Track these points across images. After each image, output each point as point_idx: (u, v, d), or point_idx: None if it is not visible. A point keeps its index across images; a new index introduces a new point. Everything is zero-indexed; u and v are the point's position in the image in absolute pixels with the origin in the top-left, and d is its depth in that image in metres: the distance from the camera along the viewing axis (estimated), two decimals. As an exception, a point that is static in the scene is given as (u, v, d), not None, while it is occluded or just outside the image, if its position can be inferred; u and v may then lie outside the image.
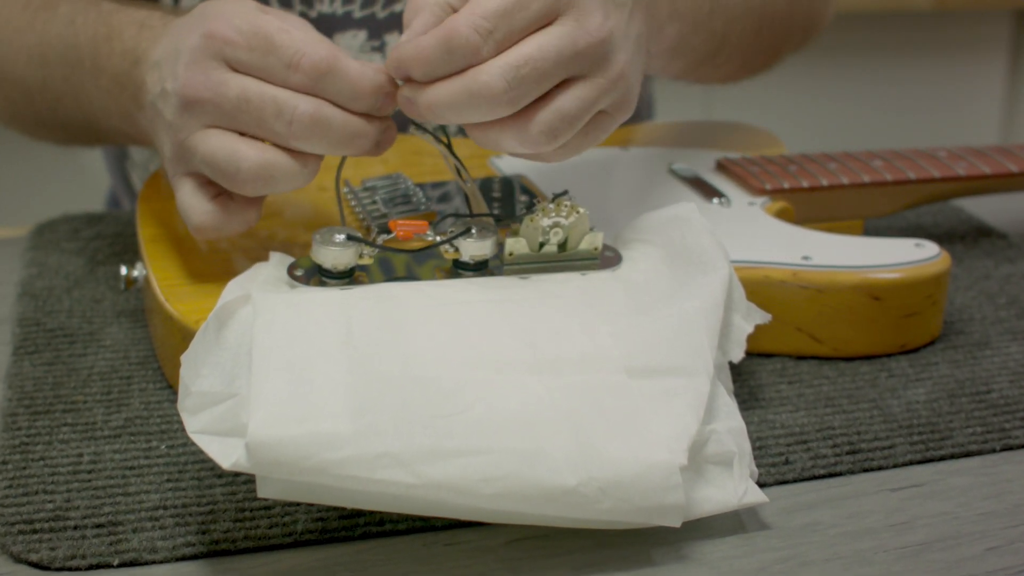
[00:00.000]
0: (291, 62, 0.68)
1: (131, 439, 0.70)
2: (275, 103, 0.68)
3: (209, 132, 0.70)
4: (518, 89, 0.66)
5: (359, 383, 0.60)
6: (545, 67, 0.66)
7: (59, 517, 0.63)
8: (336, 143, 0.69)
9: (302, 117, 0.68)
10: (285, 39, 0.68)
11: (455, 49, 0.66)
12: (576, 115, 0.68)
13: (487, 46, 0.66)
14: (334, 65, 0.68)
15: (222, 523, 0.63)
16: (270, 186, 0.69)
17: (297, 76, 0.68)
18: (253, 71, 0.69)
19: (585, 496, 0.58)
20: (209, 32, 0.69)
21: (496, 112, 0.66)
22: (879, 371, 0.78)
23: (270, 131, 0.68)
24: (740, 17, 0.95)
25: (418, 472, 0.57)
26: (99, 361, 0.78)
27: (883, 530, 0.64)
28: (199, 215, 0.72)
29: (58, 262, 0.91)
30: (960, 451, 0.71)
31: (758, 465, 0.67)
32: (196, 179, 0.72)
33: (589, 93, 0.68)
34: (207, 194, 0.72)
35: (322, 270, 0.70)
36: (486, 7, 0.66)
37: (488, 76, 0.66)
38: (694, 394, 0.63)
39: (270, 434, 0.56)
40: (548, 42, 0.67)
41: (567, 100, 0.68)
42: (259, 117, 0.68)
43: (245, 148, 0.69)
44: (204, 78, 0.69)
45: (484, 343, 0.64)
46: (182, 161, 0.72)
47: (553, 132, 0.68)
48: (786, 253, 0.79)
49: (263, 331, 0.63)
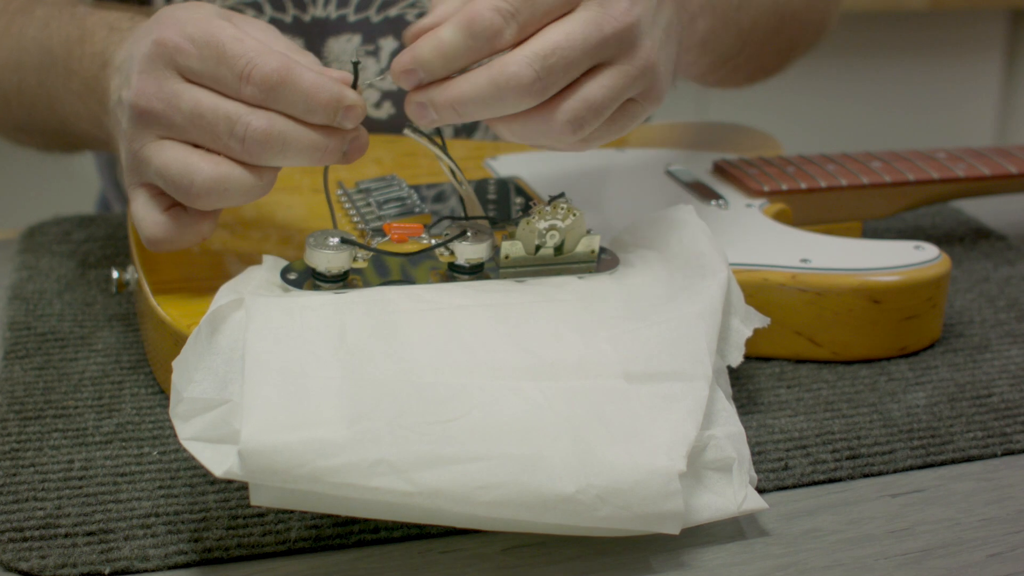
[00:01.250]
0: (242, 73, 0.66)
1: (123, 445, 0.69)
2: (228, 119, 0.66)
3: (164, 144, 0.68)
4: (547, 79, 0.64)
5: (354, 389, 0.59)
6: (573, 55, 0.65)
7: (49, 525, 0.63)
8: (294, 157, 0.67)
9: (254, 134, 0.65)
10: (237, 48, 0.66)
11: (477, 33, 0.64)
12: (603, 103, 0.67)
13: (509, 29, 0.65)
14: (286, 77, 0.65)
15: (215, 531, 0.62)
16: (224, 200, 0.68)
17: (248, 88, 0.66)
18: (206, 81, 0.67)
19: (583, 503, 0.57)
20: (159, 39, 0.68)
21: (524, 104, 0.65)
22: (879, 375, 0.78)
23: (224, 146, 0.67)
24: (764, 15, 0.94)
25: (414, 480, 0.56)
26: (90, 366, 0.78)
27: (884, 536, 0.63)
28: (151, 227, 0.70)
29: (49, 265, 0.90)
30: (961, 456, 0.70)
31: (757, 471, 0.67)
32: (150, 190, 0.71)
33: (616, 81, 0.67)
34: (160, 205, 0.71)
35: (316, 274, 0.70)
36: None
37: (517, 66, 0.64)
38: (693, 399, 0.62)
39: (263, 441, 0.55)
40: (574, 29, 0.65)
41: (594, 88, 0.66)
42: (212, 133, 0.66)
43: (199, 161, 0.67)
44: (156, 88, 0.67)
45: (480, 348, 0.63)
46: (136, 171, 0.70)
47: (579, 121, 0.66)
48: (785, 256, 0.78)
49: (256, 336, 0.62)
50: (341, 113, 0.66)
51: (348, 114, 0.67)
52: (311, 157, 0.67)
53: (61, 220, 0.98)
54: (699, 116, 1.09)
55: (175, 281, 0.75)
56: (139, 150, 0.69)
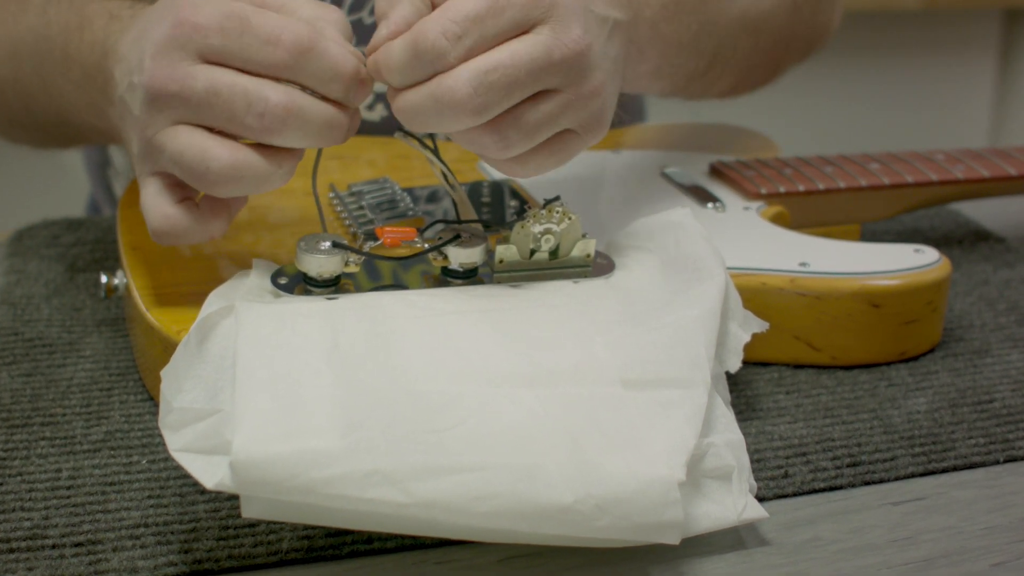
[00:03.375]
0: (270, 37, 0.64)
1: (111, 453, 0.68)
2: (245, 94, 0.64)
3: (178, 129, 0.66)
4: (484, 96, 0.63)
5: (347, 397, 0.58)
6: (516, 75, 0.63)
7: (37, 536, 0.62)
8: (311, 134, 0.65)
9: (275, 108, 0.64)
10: (261, 20, 0.65)
11: (422, 54, 0.63)
12: (535, 126, 0.65)
13: (455, 51, 0.63)
14: (316, 43, 0.64)
15: (205, 542, 0.61)
16: (242, 187, 0.65)
17: (278, 52, 0.64)
18: (226, 58, 0.65)
19: (581, 513, 0.56)
20: (179, 20, 0.65)
21: (461, 120, 0.64)
22: (878, 380, 0.77)
23: (241, 125, 0.64)
24: (734, 34, 0.92)
25: (409, 490, 0.55)
26: (79, 372, 0.76)
27: (886, 546, 0.63)
28: (160, 219, 0.67)
29: (37, 269, 0.89)
30: (963, 463, 0.69)
31: (757, 478, 0.66)
32: (163, 179, 0.68)
33: (555, 108, 0.65)
34: (172, 197, 0.68)
35: (307, 278, 0.69)
36: (458, 10, 0.64)
37: (453, 81, 0.63)
38: (692, 406, 0.62)
39: (255, 452, 0.54)
40: (521, 49, 0.64)
41: (529, 110, 0.65)
42: (229, 111, 0.64)
43: (216, 146, 0.65)
44: (171, 70, 0.65)
45: (475, 355, 0.62)
46: (149, 159, 0.68)
47: (506, 141, 0.65)
48: (783, 259, 0.78)
49: (247, 344, 0.61)
50: (355, 87, 0.66)
51: (362, 89, 0.66)
52: (326, 134, 0.65)
53: (49, 223, 0.97)
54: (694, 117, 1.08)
55: (165, 286, 0.74)
56: (153, 136, 0.67)
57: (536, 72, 0.64)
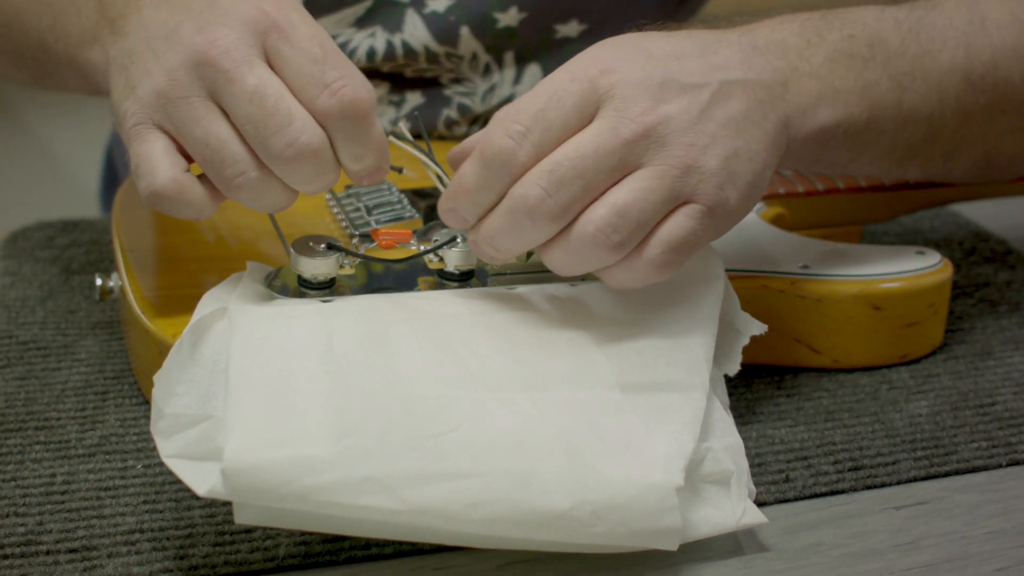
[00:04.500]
0: (332, 84, 0.62)
1: (106, 458, 0.68)
2: (288, 115, 0.61)
3: (219, 112, 0.63)
4: (557, 195, 0.60)
5: (341, 402, 0.57)
6: (584, 164, 0.60)
7: (31, 541, 0.61)
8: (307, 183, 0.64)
9: (304, 145, 0.61)
10: (338, 58, 0.63)
11: (491, 160, 0.61)
12: (633, 205, 0.61)
13: (523, 149, 0.61)
14: (369, 113, 0.63)
15: (201, 547, 0.61)
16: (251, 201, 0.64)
17: (329, 101, 0.62)
18: (284, 70, 0.63)
19: (578, 520, 0.55)
20: (266, 9, 0.63)
21: (542, 225, 0.61)
22: (880, 383, 0.76)
23: (263, 141, 0.62)
24: (952, 91, 0.75)
25: (404, 497, 0.54)
26: (73, 375, 0.76)
27: (888, 551, 0.62)
28: (167, 182, 0.63)
29: (32, 271, 0.89)
30: (965, 467, 0.69)
31: (757, 483, 0.65)
32: (172, 140, 0.65)
33: (647, 182, 0.61)
34: (181, 164, 0.64)
35: (302, 281, 0.68)
36: (518, 110, 0.62)
37: (523, 187, 0.61)
38: (690, 411, 0.61)
39: (247, 459, 0.54)
40: (585, 137, 0.61)
41: (620, 192, 0.61)
42: (263, 119, 0.62)
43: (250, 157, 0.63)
44: (233, 47, 0.62)
45: (471, 358, 0.61)
46: (166, 113, 0.64)
47: (610, 229, 0.60)
48: (784, 262, 0.77)
49: (240, 347, 0.60)
50: (371, 175, 0.65)
51: (375, 176, 0.65)
52: (316, 189, 0.64)
53: (44, 225, 0.96)
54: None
55: (160, 288, 0.73)
56: (186, 98, 0.63)
57: (606, 155, 0.61)
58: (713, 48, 0.66)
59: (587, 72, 0.63)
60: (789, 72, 0.69)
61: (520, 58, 0.99)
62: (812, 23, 0.72)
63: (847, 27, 0.72)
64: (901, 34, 0.74)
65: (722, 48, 0.67)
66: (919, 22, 0.75)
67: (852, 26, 0.73)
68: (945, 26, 0.75)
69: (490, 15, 0.96)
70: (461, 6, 0.95)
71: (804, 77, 0.69)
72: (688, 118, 0.62)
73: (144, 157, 0.64)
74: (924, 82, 0.74)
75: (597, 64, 0.63)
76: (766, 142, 0.66)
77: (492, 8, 0.96)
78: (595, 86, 0.62)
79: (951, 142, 0.77)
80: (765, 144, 0.65)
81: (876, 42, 0.72)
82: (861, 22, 0.73)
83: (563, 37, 0.98)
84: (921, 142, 0.75)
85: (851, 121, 0.71)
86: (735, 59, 0.66)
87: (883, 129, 0.73)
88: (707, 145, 0.62)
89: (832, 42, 0.71)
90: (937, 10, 0.76)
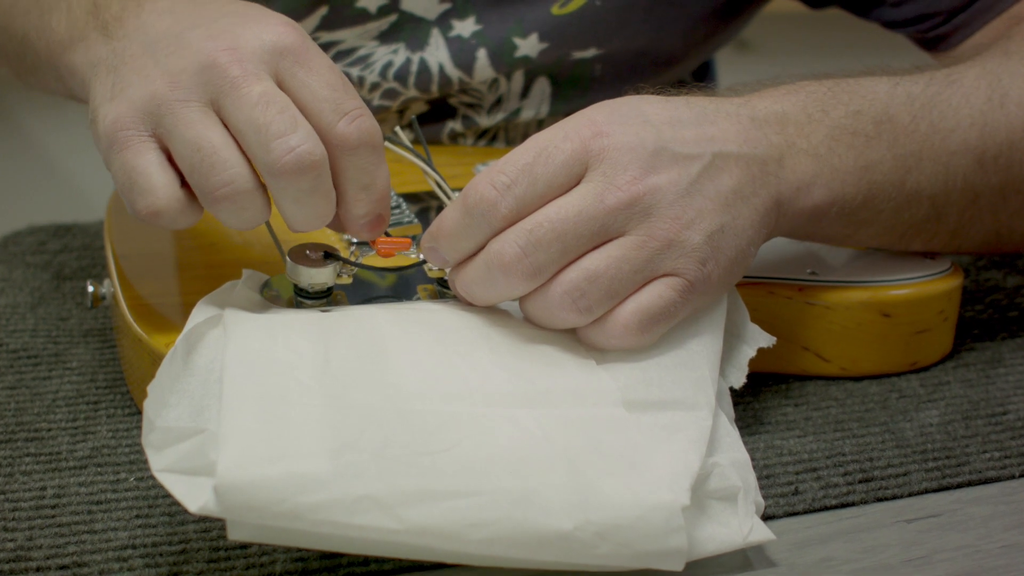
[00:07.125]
0: (349, 111, 0.62)
1: (98, 471, 0.66)
2: (293, 123, 0.60)
3: (216, 118, 0.61)
4: (535, 255, 0.60)
5: (337, 417, 0.56)
6: (564, 228, 0.60)
7: (20, 558, 0.60)
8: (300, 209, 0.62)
9: (305, 155, 0.60)
10: (352, 91, 0.63)
11: (472, 208, 0.61)
12: (603, 272, 0.61)
13: (505, 201, 0.61)
14: (379, 146, 0.63)
15: (195, 564, 0.59)
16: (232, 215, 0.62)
17: (344, 126, 0.61)
18: (296, 91, 0.62)
19: (581, 541, 0.54)
20: (288, 31, 0.62)
21: (516, 283, 0.61)
22: (889, 391, 0.75)
23: (263, 148, 0.60)
24: (959, 171, 0.74)
25: (401, 517, 0.53)
26: (64, 385, 0.74)
27: (900, 566, 0.60)
28: (165, 200, 0.61)
29: (23, 277, 0.87)
30: (978, 478, 0.67)
31: (765, 495, 0.64)
32: (165, 152, 0.62)
33: (622, 251, 0.61)
34: (176, 176, 0.62)
35: (298, 290, 0.66)
36: (506, 162, 0.61)
37: (501, 243, 0.61)
38: (696, 429, 0.60)
39: (240, 476, 0.52)
40: (569, 201, 0.61)
41: (594, 258, 0.61)
42: (265, 128, 0.60)
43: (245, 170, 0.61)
44: (246, 57, 0.61)
45: (471, 373, 0.60)
46: (155, 118, 0.62)
47: (577, 292, 0.61)
48: (791, 268, 0.76)
49: (234, 359, 0.58)
50: (371, 228, 0.65)
51: (375, 229, 0.65)
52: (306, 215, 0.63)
53: (36, 229, 0.95)
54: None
55: (153, 296, 0.72)
56: (184, 100, 0.61)
57: (587, 221, 0.60)
58: (711, 118, 0.65)
59: (580, 132, 0.62)
60: (786, 148, 0.68)
61: (529, 72, 0.97)
62: (817, 96, 0.71)
63: (855, 102, 0.71)
64: (913, 111, 0.72)
65: (719, 119, 0.66)
66: (934, 98, 0.73)
67: (860, 101, 0.71)
68: (961, 104, 0.73)
69: (510, 40, 0.94)
70: (485, 34, 0.94)
71: (801, 154, 0.68)
72: (676, 190, 0.62)
73: (140, 172, 0.62)
74: (931, 162, 0.72)
75: (591, 126, 0.62)
76: (754, 218, 0.65)
77: (513, 34, 0.94)
78: (586, 147, 0.62)
79: (958, 221, 0.75)
80: (753, 220, 0.65)
81: (884, 119, 0.71)
82: (871, 96, 0.72)
83: (577, 59, 0.96)
84: (924, 220, 0.74)
85: (846, 201, 0.70)
86: (732, 131, 0.65)
87: (881, 208, 0.72)
88: (692, 220, 0.62)
89: (836, 118, 0.70)
90: (955, 85, 0.74)
